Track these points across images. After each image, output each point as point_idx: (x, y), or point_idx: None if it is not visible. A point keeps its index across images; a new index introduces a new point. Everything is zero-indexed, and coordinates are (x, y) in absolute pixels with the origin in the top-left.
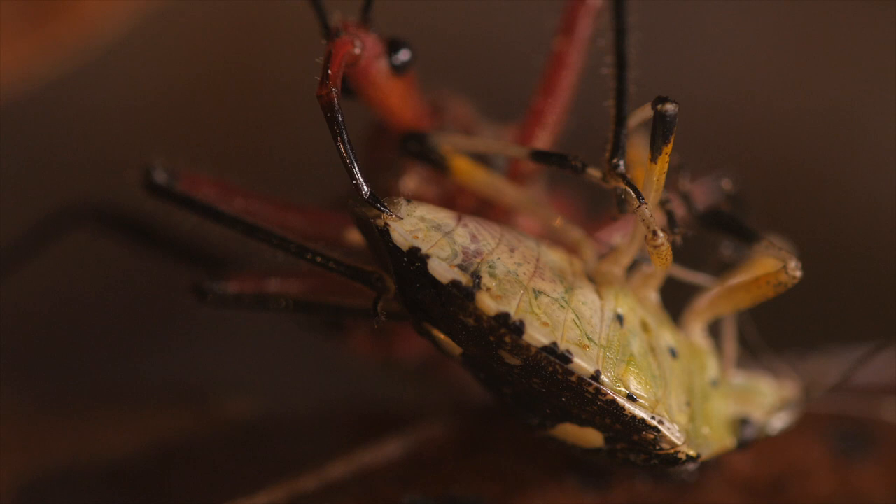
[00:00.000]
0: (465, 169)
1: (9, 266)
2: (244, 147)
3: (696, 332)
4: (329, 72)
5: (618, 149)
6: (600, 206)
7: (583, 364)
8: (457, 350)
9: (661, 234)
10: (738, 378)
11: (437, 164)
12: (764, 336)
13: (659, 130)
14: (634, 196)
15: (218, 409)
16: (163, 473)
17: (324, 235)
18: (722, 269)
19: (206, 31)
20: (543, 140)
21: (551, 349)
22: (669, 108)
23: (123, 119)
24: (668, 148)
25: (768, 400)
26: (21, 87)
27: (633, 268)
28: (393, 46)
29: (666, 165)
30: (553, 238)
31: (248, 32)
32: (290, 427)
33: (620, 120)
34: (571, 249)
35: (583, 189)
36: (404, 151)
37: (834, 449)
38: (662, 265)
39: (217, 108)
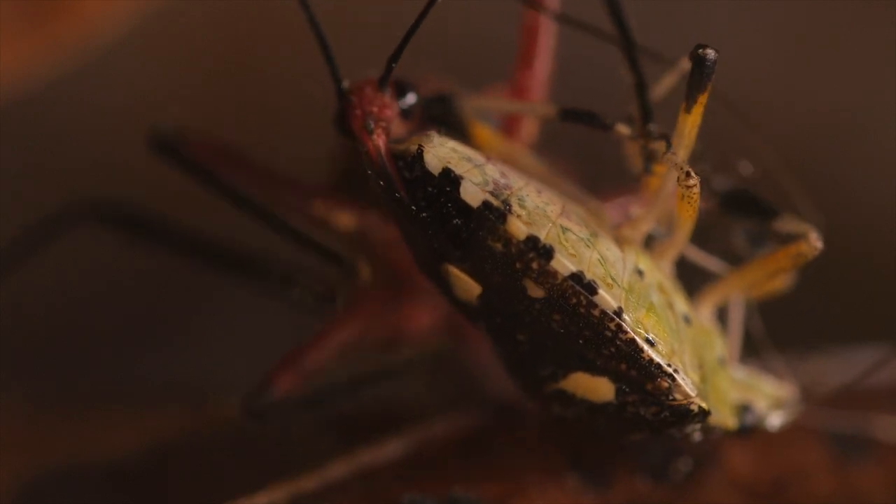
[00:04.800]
0: (486, 137)
1: (10, 265)
2: (245, 147)
3: (705, 313)
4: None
5: (647, 113)
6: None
7: (608, 297)
8: (475, 290)
9: (694, 175)
10: (741, 372)
11: (458, 130)
12: (764, 336)
13: (696, 77)
14: (665, 145)
15: (218, 409)
16: (162, 473)
17: (314, 213)
18: (733, 260)
19: (206, 31)
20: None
21: (578, 277)
22: (710, 53)
23: (123, 119)
24: (704, 98)
25: (768, 395)
26: (21, 87)
27: (648, 240)
28: (400, 91)
29: (699, 117)
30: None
31: (248, 32)
32: (290, 427)
33: (640, 86)
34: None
35: (577, 160)
36: (427, 115)
37: (834, 449)
38: (690, 215)
39: (217, 108)
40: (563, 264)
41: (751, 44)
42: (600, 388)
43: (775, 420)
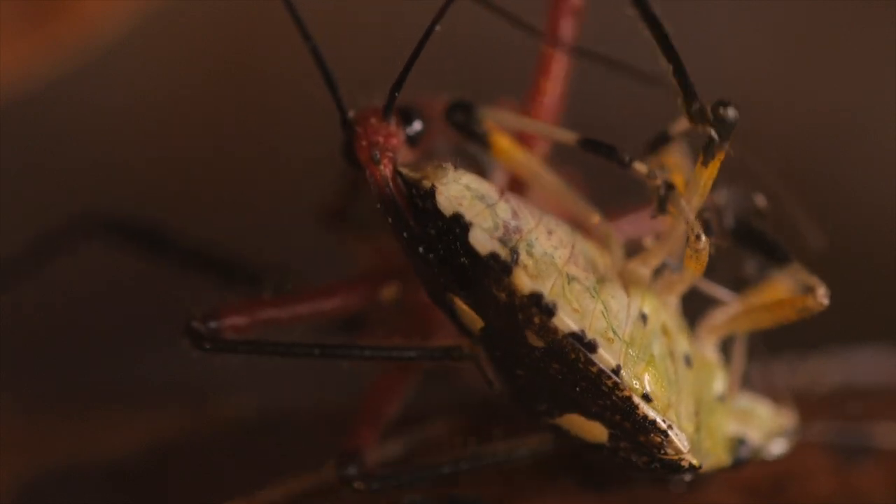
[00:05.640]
0: (505, 147)
1: (16, 278)
2: (245, 147)
3: (709, 346)
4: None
5: (691, 93)
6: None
7: (607, 356)
8: (478, 324)
9: (704, 237)
10: (741, 401)
11: (478, 139)
12: (764, 336)
13: (717, 133)
14: (679, 198)
15: (218, 409)
16: (162, 473)
17: (362, 304)
18: (739, 285)
19: (206, 31)
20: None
21: (579, 336)
22: (730, 112)
23: (123, 119)
24: (723, 154)
25: (766, 424)
26: (21, 87)
27: (658, 271)
28: (406, 118)
29: (716, 171)
30: (580, 226)
31: (248, 32)
32: (290, 427)
33: (677, 64)
34: (598, 240)
35: (585, 169)
36: (448, 121)
37: (834, 449)
38: (697, 270)
39: (217, 108)
40: (565, 323)
41: (751, 44)
42: (594, 431)
43: (774, 449)
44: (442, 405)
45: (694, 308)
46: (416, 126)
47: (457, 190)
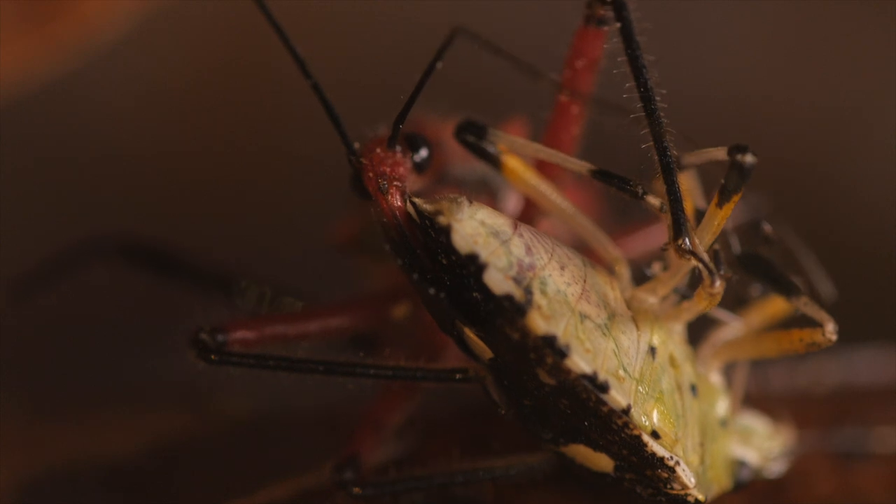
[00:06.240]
0: (516, 169)
1: (28, 296)
2: (245, 146)
3: (713, 371)
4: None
5: (680, 229)
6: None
7: (618, 397)
8: (487, 354)
9: (720, 282)
10: (742, 421)
11: (489, 159)
12: None
13: (732, 179)
14: (694, 238)
15: (218, 409)
16: (163, 473)
17: (371, 322)
18: (739, 302)
19: (206, 31)
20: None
21: (592, 378)
22: (748, 159)
23: (123, 119)
24: (738, 197)
25: (765, 444)
26: (21, 87)
27: (666, 298)
28: (412, 145)
29: (730, 212)
30: (588, 249)
31: (248, 32)
32: (290, 427)
33: (674, 198)
34: (606, 263)
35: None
36: (459, 140)
37: (834, 450)
38: (708, 307)
39: (217, 108)
40: (578, 365)
41: (751, 43)
42: (600, 461)
43: (774, 468)
44: (444, 413)
45: (696, 327)
46: (423, 153)
47: (472, 227)
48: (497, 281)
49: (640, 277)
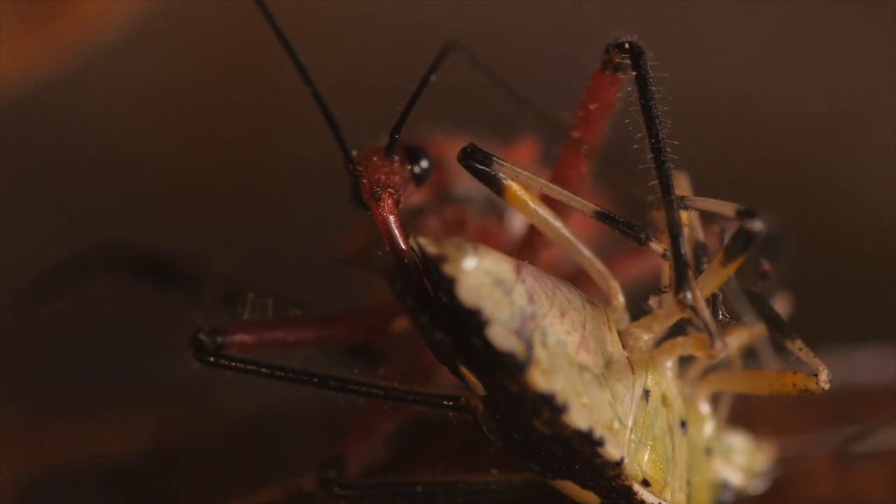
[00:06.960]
0: (518, 196)
1: (30, 307)
2: (245, 147)
3: (702, 399)
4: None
5: (682, 283)
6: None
7: (612, 451)
8: (482, 391)
9: (720, 344)
10: (725, 441)
11: (491, 185)
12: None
13: (738, 243)
14: (699, 300)
15: (218, 409)
16: (163, 473)
17: (371, 334)
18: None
19: (206, 31)
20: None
21: (587, 435)
22: (757, 226)
23: (123, 119)
24: (742, 259)
25: (747, 463)
26: (21, 86)
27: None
28: (412, 157)
29: (733, 270)
30: (584, 274)
31: (248, 32)
32: (290, 427)
33: (677, 252)
34: (601, 293)
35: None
36: (464, 164)
37: (834, 450)
38: (705, 359)
39: (217, 108)
40: (575, 421)
41: (751, 43)
42: (588, 499)
43: (758, 486)
44: (435, 422)
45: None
46: (423, 164)
47: (477, 279)
48: (500, 337)
49: (638, 308)
